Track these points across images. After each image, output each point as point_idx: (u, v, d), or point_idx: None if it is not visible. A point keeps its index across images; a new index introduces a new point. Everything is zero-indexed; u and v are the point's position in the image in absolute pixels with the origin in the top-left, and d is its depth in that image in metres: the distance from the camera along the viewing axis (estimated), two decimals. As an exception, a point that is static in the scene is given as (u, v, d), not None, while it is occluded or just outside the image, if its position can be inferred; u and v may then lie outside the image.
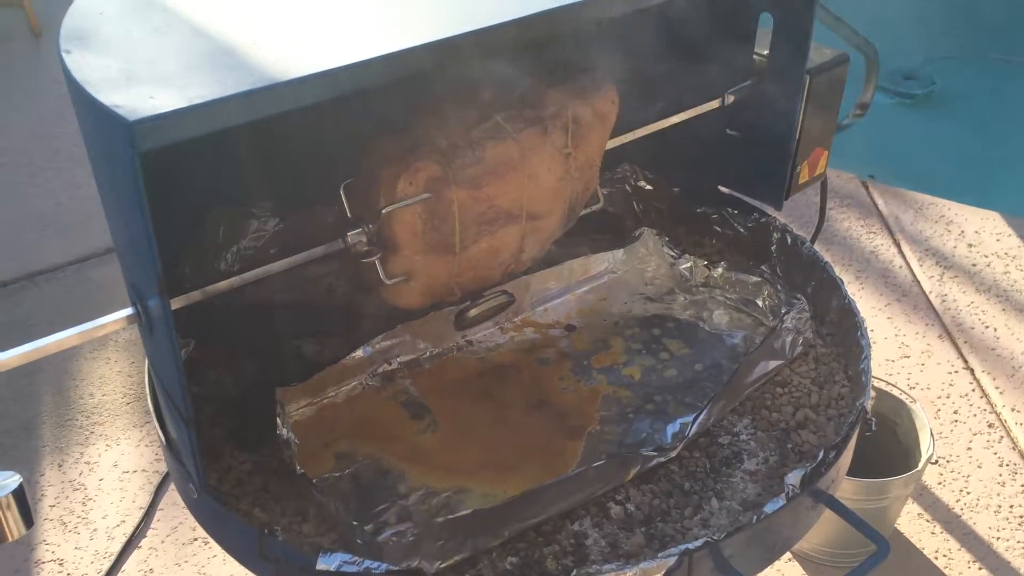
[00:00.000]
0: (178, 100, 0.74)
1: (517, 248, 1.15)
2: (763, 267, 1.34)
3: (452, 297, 1.16)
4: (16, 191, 3.00)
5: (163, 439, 1.05)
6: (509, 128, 1.07)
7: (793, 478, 0.99)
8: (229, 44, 0.86)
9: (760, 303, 1.29)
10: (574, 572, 0.90)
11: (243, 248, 1.19)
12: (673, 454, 1.07)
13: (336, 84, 0.82)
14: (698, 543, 0.92)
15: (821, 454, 1.02)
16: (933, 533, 1.87)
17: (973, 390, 2.16)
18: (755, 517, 0.96)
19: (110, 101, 0.74)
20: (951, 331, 2.33)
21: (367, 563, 0.87)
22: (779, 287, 1.28)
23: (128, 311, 0.91)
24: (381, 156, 1.05)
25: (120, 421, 2.17)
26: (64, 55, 0.83)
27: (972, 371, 2.21)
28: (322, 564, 0.87)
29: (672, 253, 1.37)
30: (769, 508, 0.97)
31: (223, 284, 0.98)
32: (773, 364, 1.18)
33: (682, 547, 0.91)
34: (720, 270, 1.33)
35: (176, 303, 0.92)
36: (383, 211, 1.02)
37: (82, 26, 0.89)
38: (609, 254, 1.37)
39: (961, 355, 2.26)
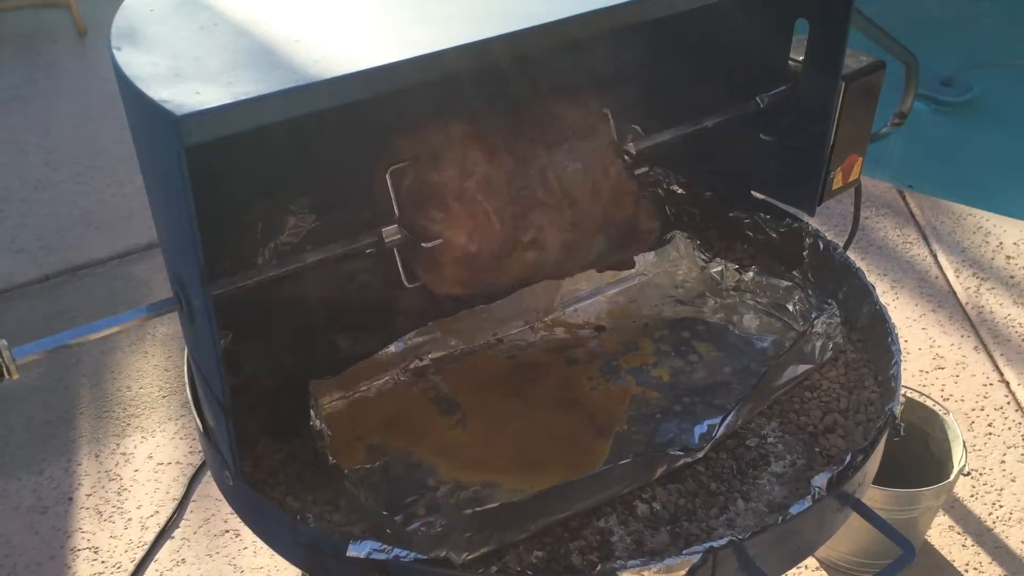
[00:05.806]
0: (223, 96, 0.77)
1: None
2: (794, 272, 1.34)
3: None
4: (60, 188, 3.07)
5: (200, 427, 1.07)
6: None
7: (820, 480, 0.99)
8: (271, 42, 0.88)
9: (790, 308, 1.29)
10: (599, 567, 0.91)
11: (280, 244, 1.22)
12: (700, 455, 1.07)
13: (374, 83, 0.84)
14: (723, 541, 0.92)
15: (848, 457, 1.02)
16: (964, 546, 1.85)
17: (1008, 403, 2.14)
18: (780, 518, 0.96)
19: (158, 96, 0.77)
20: (987, 343, 2.30)
21: (396, 551, 0.89)
22: (810, 292, 1.28)
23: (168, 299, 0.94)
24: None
25: (156, 414, 2.21)
26: (115, 52, 0.86)
27: (1007, 384, 2.18)
28: (352, 551, 0.89)
29: (703, 257, 1.38)
30: (795, 509, 0.97)
31: (263, 274, 1.00)
32: (802, 368, 1.18)
33: (707, 545, 0.92)
34: (751, 274, 1.33)
35: (215, 290, 0.94)
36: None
37: (132, 24, 0.92)
38: (640, 256, 1.38)
39: (997, 367, 2.23)
